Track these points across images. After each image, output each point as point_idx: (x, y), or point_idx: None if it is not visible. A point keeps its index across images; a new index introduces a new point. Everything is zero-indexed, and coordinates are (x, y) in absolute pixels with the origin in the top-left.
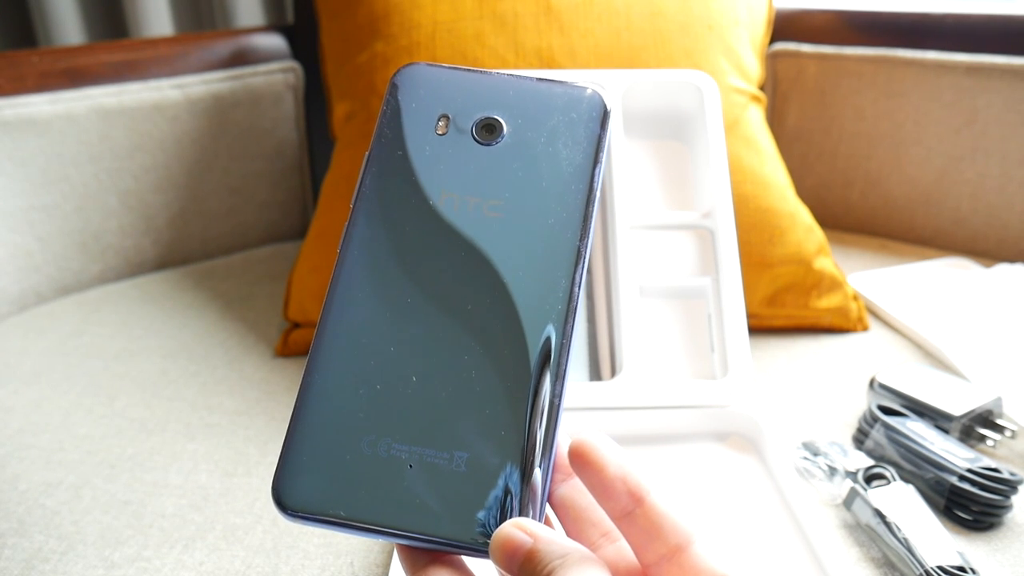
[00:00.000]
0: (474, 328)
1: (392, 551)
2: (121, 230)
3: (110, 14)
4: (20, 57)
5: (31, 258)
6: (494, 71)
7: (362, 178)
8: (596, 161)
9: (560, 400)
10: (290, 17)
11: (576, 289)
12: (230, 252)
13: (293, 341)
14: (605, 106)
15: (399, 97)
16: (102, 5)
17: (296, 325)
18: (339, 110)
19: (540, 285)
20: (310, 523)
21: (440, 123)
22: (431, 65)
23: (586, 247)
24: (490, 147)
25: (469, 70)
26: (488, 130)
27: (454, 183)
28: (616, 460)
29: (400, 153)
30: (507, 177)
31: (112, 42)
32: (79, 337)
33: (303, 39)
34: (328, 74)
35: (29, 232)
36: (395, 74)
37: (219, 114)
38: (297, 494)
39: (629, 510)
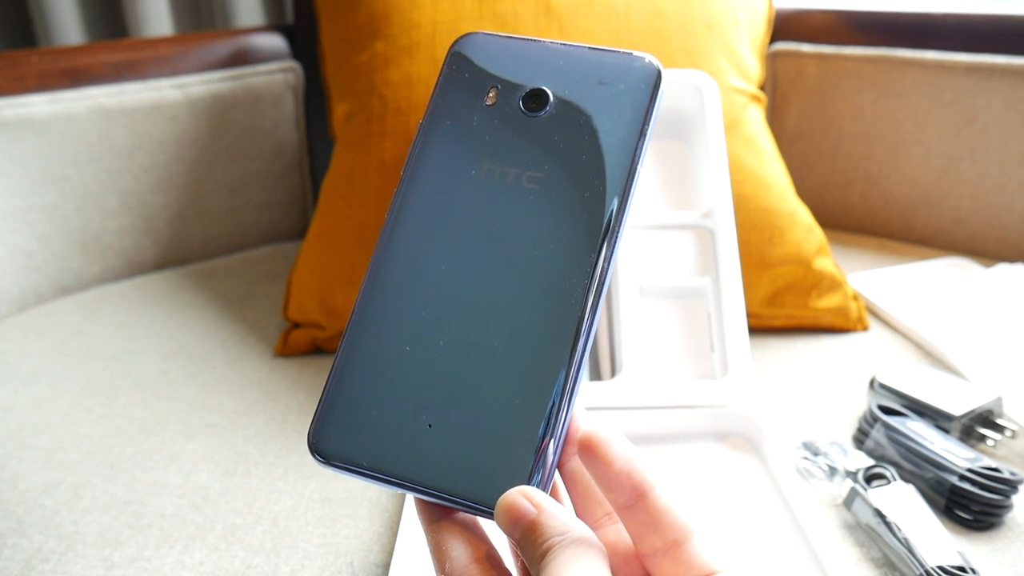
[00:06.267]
0: (501, 299)
1: (392, 552)
2: (121, 230)
3: (110, 14)
4: (20, 57)
5: (31, 258)
6: (549, 40)
7: (412, 146)
8: (642, 133)
9: (578, 374)
10: (290, 17)
11: (605, 264)
12: (230, 252)
13: (293, 341)
14: (658, 75)
15: (455, 67)
16: (102, 5)
17: (296, 325)
18: (339, 110)
19: (568, 259)
20: (338, 470)
21: (490, 93)
22: (488, 35)
23: (621, 220)
24: (535, 118)
25: (524, 39)
26: (534, 101)
27: (496, 154)
28: (623, 455)
29: (449, 123)
30: (548, 149)
31: (112, 42)
32: (79, 337)
33: (303, 39)
34: (328, 74)
35: (29, 232)
36: (454, 43)
37: (219, 114)
38: (328, 443)
39: (631, 503)
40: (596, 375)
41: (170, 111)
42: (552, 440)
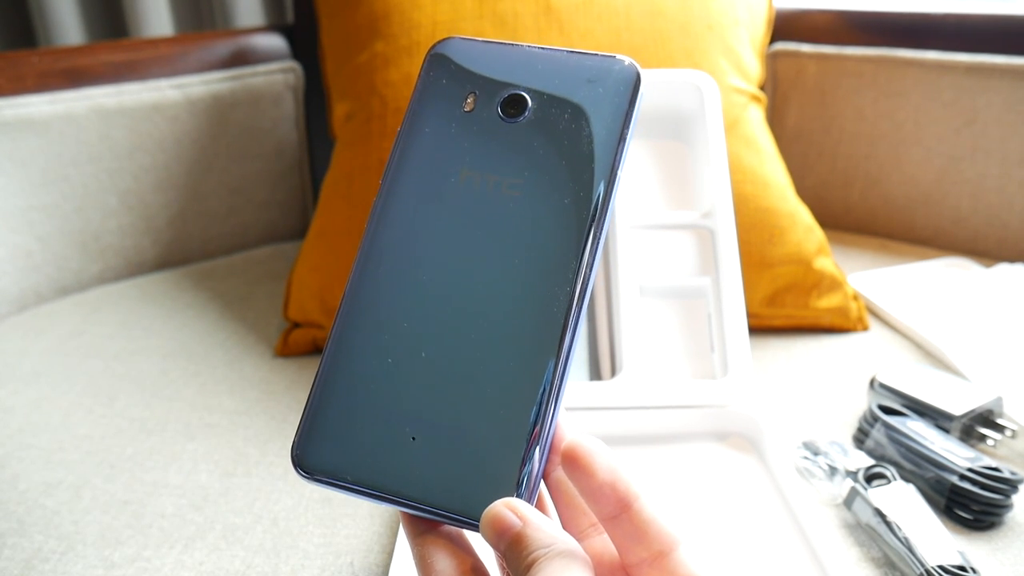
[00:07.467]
0: (483, 308)
1: (392, 552)
2: (121, 230)
3: (110, 14)
4: (20, 57)
5: (31, 258)
6: (527, 44)
7: (391, 155)
8: (622, 136)
9: (562, 385)
10: (290, 17)
11: (588, 270)
12: (230, 252)
13: (293, 341)
14: (637, 78)
15: (432, 73)
16: (102, 5)
17: (296, 325)
18: (339, 110)
19: (549, 267)
20: (322, 485)
21: (469, 99)
22: (466, 39)
23: (602, 226)
24: (514, 124)
25: (503, 44)
26: (513, 106)
27: (475, 161)
28: (607, 465)
29: (427, 130)
30: (528, 155)
31: (112, 42)
32: (79, 337)
33: (303, 39)
34: (328, 74)
35: (29, 232)
36: (431, 48)
37: (219, 114)
38: (311, 457)
39: (615, 514)
40: (596, 375)
41: (170, 111)
42: (538, 449)
